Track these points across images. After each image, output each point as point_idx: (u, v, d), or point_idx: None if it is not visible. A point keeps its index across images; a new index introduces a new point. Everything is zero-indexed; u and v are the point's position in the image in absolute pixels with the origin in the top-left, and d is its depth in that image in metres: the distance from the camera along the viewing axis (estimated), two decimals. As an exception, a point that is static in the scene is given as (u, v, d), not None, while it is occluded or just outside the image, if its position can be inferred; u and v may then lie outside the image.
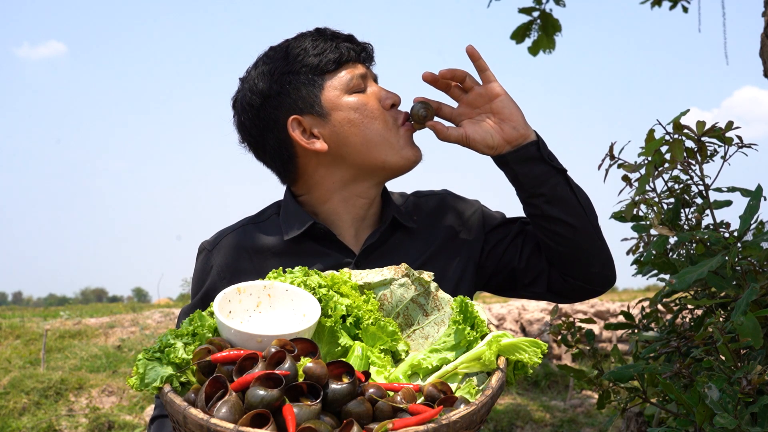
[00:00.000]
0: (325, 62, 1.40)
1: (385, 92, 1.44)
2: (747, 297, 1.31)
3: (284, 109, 1.41)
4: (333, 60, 1.40)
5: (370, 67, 1.47)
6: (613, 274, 1.45)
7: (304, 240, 1.44)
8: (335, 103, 1.41)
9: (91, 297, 34.17)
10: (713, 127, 1.47)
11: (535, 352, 1.15)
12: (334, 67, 1.41)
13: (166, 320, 10.37)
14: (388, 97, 1.44)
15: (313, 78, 1.40)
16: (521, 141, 1.37)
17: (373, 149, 1.41)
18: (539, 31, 4.56)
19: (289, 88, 1.41)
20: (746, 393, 1.26)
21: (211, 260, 1.47)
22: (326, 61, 1.40)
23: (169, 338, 1.11)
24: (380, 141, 1.41)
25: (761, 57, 2.64)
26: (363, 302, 1.22)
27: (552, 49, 4.59)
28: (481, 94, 1.39)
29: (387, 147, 1.42)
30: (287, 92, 1.41)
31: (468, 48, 1.38)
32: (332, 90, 1.41)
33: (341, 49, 1.41)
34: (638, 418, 2.30)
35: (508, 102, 1.37)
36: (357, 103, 1.41)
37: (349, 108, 1.41)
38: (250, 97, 1.43)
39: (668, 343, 1.69)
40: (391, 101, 1.43)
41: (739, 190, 1.48)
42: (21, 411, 7.46)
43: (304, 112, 1.41)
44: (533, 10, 4.54)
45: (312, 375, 0.99)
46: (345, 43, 1.42)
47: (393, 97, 1.44)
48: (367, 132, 1.41)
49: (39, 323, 10.54)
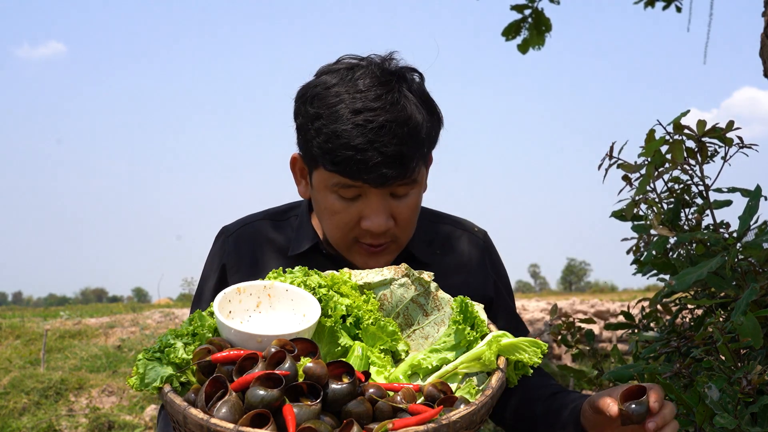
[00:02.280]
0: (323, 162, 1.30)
1: (370, 214, 1.32)
2: (747, 297, 1.31)
3: (299, 138, 1.38)
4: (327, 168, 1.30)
5: (387, 188, 1.33)
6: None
7: (313, 253, 1.46)
8: (317, 187, 1.36)
9: (91, 297, 34.18)
10: (714, 128, 1.47)
11: (535, 352, 1.15)
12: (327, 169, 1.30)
13: (166, 320, 10.38)
14: (368, 220, 1.33)
15: (311, 156, 1.33)
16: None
17: (329, 238, 1.41)
18: (530, 29, 4.56)
19: (302, 137, 1.36)
20: (746, 393, 1.26)
21: (227, 246, 1.51)
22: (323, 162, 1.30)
23: (169, 338, 1.12)
24: (333, 241, 1.40)
25: (761, 57, 2.64)
26: (363, 302, 1.23)
27: (541, 45, 4.60)
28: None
29: (338, 247, 1.40)
30: (301, 137, 1.37)
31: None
32: (320, 177, 1.33)
33: (349, 167, 1.27)
34: (638, 418, 2.30)
35: None
36: (330, 206, 1.34)
37: (323, 201, 1.35)
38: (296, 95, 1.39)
39: (668, 343, 1.69)
40: (368, 227, 1.33)
41: (739, 191, 1.48)
42: (21, 411, 7.46)
43: (304, 162, 1.39)
44: (525, 7, 4.54)
45: (312, 375, 0.99)
46: (361, 164, 1.26)
47: (373, 225, 1.33)
48: (326, 227, 1.39)
49: (39, 323, 10.54)
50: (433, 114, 1.38)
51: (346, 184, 1.30)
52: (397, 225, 1.36)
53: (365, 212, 1.33)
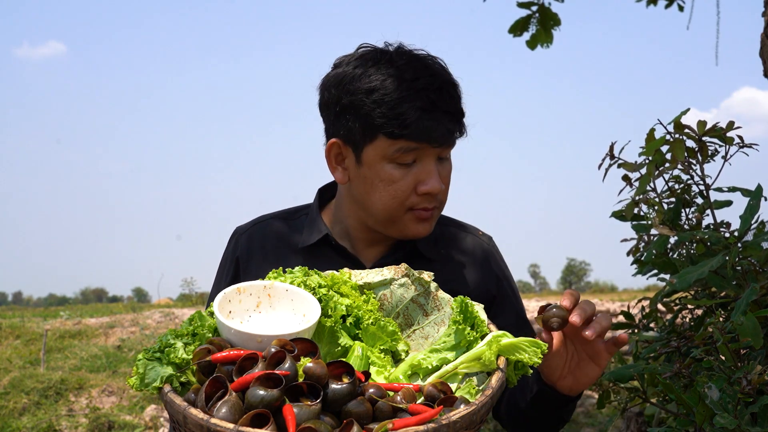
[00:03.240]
0: (387, 130, 1.35)
1: (428, 178, 1.39)
2: (747, 297, 1.31)
3: (337, 126, 1.42)
4: (395, 133, 1.35)
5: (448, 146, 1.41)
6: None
7: (322, 246, 1.51)
8: (371, 162, 1.39)
9: (91, 297, 34.18)
10: (714, 127, 1.47)
11: (535, 352, 1.15)
12: (392, 137, 1.35)
13: (166, 320, 10.37)
14: (427, 182, 1.39)
15: (371, 128, 1.36)
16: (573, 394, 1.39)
17: (371, 214, 1.44)
18: (537, 25, 4.57)
19: (348, 117, 1.39)
20: (746, 393, 1.25)
21: (240, 243, 1.58)
22: (389, 130, 1.35)
23: (169, 338, 1.11)
24: (381, 211, 1.42)
25: (761, 57, 2.64)
26: (363, 302, 1.22)
27: (550, 43, 4.60)
28: (594, 347, 1.30)
29: (384, 220, 1.43)
30: (345, 120, 1.39)
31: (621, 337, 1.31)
32: (377, 149, 1.38)
33: (418, 126, 1.34)
34: (638, 418, 2.30)
35: (594, 375, 1.34)
36: (388, 176, 1.39)
37: (377, 174, 1.39)
38: (321, 91, 1.45)
39: (668, 343, 1.68)
40: (427, 190, 1.39)
41: (739, 190, 1.48)
42: (21, 411, 7.46)
43: (347, 144, 1.42)
44: (532, 4, 4.54)
45: (312, 375, 0.99)
46: (427, 121, 1.34)
47: (432, 187, 1.39)
48: (378, 201, 1.41)
49: (39, 323, 10.54)
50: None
51: (408, 148, 1.36)
52: (444, 189, 1.44)
53: (422, 176, 1.39)
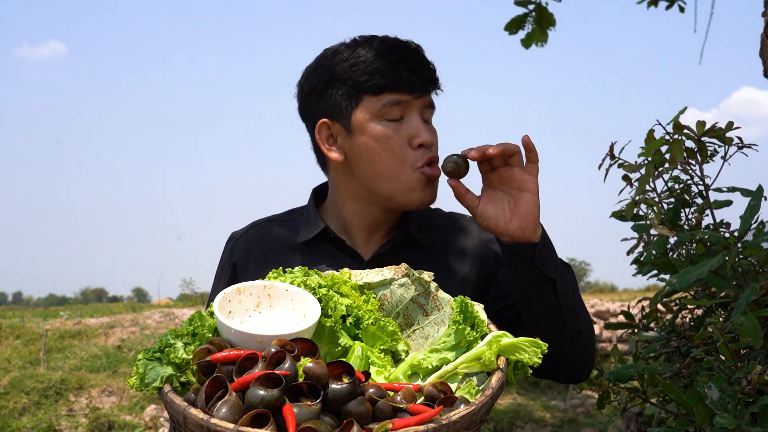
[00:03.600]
0: (370, 84, 1.39)
1: (420, 128, 1.41)
2: (747, 297, 1.31)
3: (321, 108, 1.45)
4: (379, 86, 1.39)
5: (428, 95, 1.44)
6: (586, 372, 1.45)
7: (319, 241, 1.50)
8: (362, 126, 1.41)
9: (91, 297, 34.14)
10: (713, 127, 1.47)
11: (535, 352, 1.15)
12: (376, 91, 1.39)
13: (166, 320, 10.37)
14: (419, 134, 1.41)
15: (353, 92, 1.41)
16: (521, 240, 1.33)
17: (380, 182, 1.42)
18: (533, 24, 4.57)
19: (331, 92, 1.43)
20: (746, 393, 1.25)
21: (237, 247, 1.58)
22: (371, 84, 1.39)
23: (169, 338, 1.11)
24: (390, 177, 1.41)
25: (761, 57, 2.64)
26: (363, 302, 1.23)
27: (544, 42, 4.61)
28: (516, 178, 1.33)
29: (395, 185, 1.42)
30: (329, 95, 1.43)
31: (524, 138, 1.32)
32: (365, 112, 1.40)
33: (394, 76, 1.39)
34: (638, 418, 2.30)
35: (533, 203, 1.32)
36: (380, 134, 1.40)
37: (371, 136, 1.41)
38: (300, 86, 1.50)
39: (668, 343, 1.69)
40: (421, 141, 1.40)
41: (739, 190, 1.48)
42: (21, 411, 7.46)
43: (335, 120, 1.44)
44: (529, 2, 4.55)
45: (312, 375, 0.99)
46: (404, 72, 1.39)
47: (425, 138, 1.41)
48: (380, 165, 1.41)
49: (39, 323, 10.53)
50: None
51: (393, 101, 1.39)
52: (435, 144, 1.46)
53: (412, 131, 1.41)
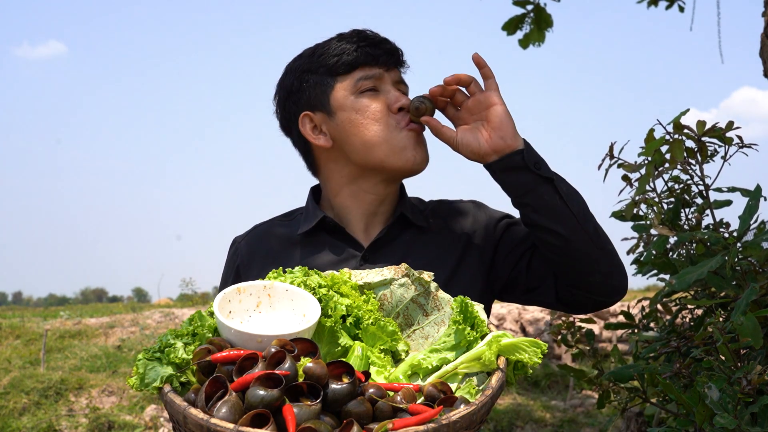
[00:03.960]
0: (339, 63, 1.45)
1: (396, 95, 1.47)
2: (747, 297, 1.31)
3: (301, 104, 1.50)
4: (348, 62, 1.45)
5: (396, 69, 1.50)
6: (622, 284, 1.40)
7: (319, 232, 1.53)
8: (341, 104, 1.46)
9: (91, 297, 34.12)
10: (713, 127, 1.47)
11: (535, 352, 1.15)
12: (347, 69, 1.45)
13: (166, 320, 10.37)
14: (397, 100, 1.46)
15: (326, 78, 1.46)
16: (507, 150, 1.35)
17: (372, 150, 1.46)
18: (531, 24, 4.58)
19: (305, 86, 1.48)
20: (746, 393, 1.25)
21: (239, 251, 1.60)
22: (341, 63, 1.45)
23: (169, 338, 1.11)
24: (379, 142, 1.45)
25: (761, 57, 2.64)
26: (363, 302, 1.22)
27: (541, 42, 4.62)
28: (480, 101, 1.39)
29: (386, 148, 1.45)
30: (304, 89, 1.49)
31: (474, 56, 1.38)
32: (341, 90, 1.46)
33: (359, 52, 1.45)
34: (638, 418, 2.30)
35: (502, 112, 1.35)
36: (360, 105, 1.45)
37: (352, 109, 1.45)
38: (278, 91, 1.55)
39: (668, 343, 1.69)
40: (400, 105, 1.45)
41: (739, 190, 1.48)
42: (21, 411, 7.45)
43: (316, 109, 1.49)
44: (527, 3, 4.55)
45: (312, 375, 0.99)
46: (367, 48, 1.45)
47: (403, 101, 1.46)
48: (366, 133, 1.45)
49: (39, 323, 10.53)
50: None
51: (365, 76, 1.45)
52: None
53: (389, 97, 1.46)
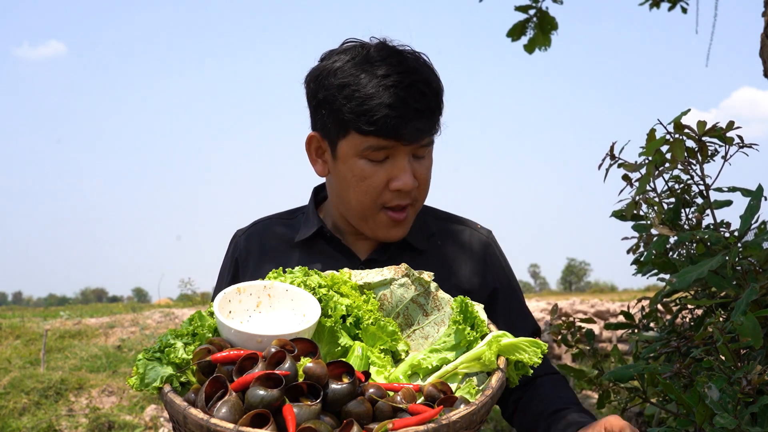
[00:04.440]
0: (356, 126, 1.36)
1: (400, 173, 1.39)
2: (747, 297, 1.31)
3: (314, 121, 1.46)
4: (364, 130, 1.35)
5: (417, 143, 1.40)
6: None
7: (317, 239, 1.54)
8: (345, 157, 1.41)
9: (91, 297, 34.12)
10: (714, 127, 1.46)
11: (535, 352, 1.15)
12: (361, 133, 1.36)
13: (166, 320, 10.37)
14: (398, 179, 1.39)
15: (341, 125, 1.38)
16: None
17: (349, 212, 1.47)
18: (535, 28, 4.57)
19: (324, 112, 1.41)
20: (746, 393, 1.25)
21: (239, 245, 1.61)
22: (357, 126, 1.36)
23: (169, 338, 1.11)
24: (358, 211, 1.45)
25: (761, 57, 2.64)
26: (363, 302, 1.22)
27: (548, 46, 4.61)
28: None
29: (361, 219, 1.46)
30: (322, 114, 1.42)
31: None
32: (349, 146, 1.39)
33: (384, 123, 1.34)
34: (638, 418, 2.30)
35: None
36: (360, 171, 1.40)
37: (351, 170, 1.41)
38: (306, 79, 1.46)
39: (668, 343, 1.68)
40: (398, 186, 1.39)
41: (739, 190, 1.48)
42: (21, 411, 7.46)
43: (324, 138, 1.44)
44: (530, 8, 4.55)
45: (312, 375, 0.99)
46: (395, 119, 1.34)
47: (403, 183, 1.39)
48: (351, 198, 1.43)
49: (39, 323, 10.54)
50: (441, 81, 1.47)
51: (378, 146, 1.37)
52: (419, 186, 1.44)
53: (394, 173, 1.40)
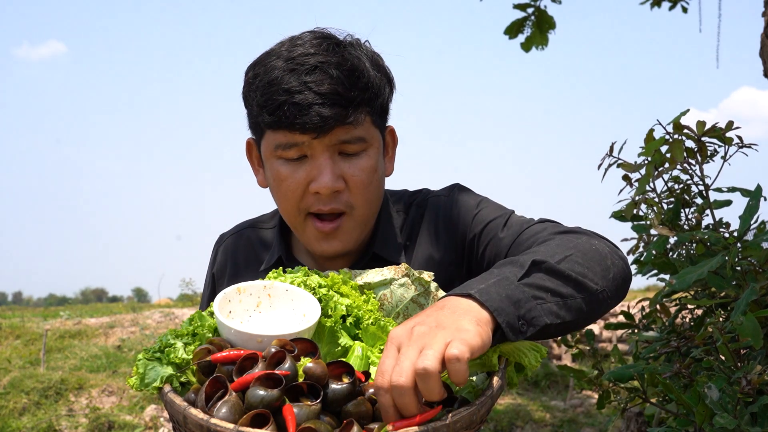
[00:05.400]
0: (260, 120, 1.24)
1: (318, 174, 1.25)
2: (747, 297, 1.31)
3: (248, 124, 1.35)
4: (267, 123, 1.23)
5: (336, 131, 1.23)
6: (628, 283, 1.19)
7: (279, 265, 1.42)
8: (266, 158, 1.30)
9: (91, 297, 34.15)
10: (713, 127, 1.47)
11: (534, 356, 1.15)
12: (268, 128, 1.24)
13: (166, 320, 10.37)
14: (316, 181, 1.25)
15: (255, 119, 1.28)
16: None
17: (289, 220, 1.34)
18: (533, 27, 4.58)
19: (247, 107, 1.31)
20: (746, 393, 1.25)
21: (217, 258, 1.54)
22: (261, 120, 1.24)
23: (169, 338, 1.11)
24: (290, 222, 1.34)
25: (761, 57, 2.64)
26: (363, 302, 1.22)
27: (545, 46, 4.62)
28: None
29: (296, 231, 1.34)
30: (248, 100, 1.30)
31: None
32: (266, 146, 1.28)
33: (281, 112, 1.20)
34: (638, 418, 2.30)
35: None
36: (276, 174, 1.28)
37: (271, 174, 1.30)
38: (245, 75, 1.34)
39: (668, 343, 1.69)
40: (316, 188, 1.25)
41: (739, 190, 1.48)
42: (21, 411, 7.46)
43: (253, 134, 1.34)
44: (528, 6, 4.56)
45: (312, 375, 0.99)
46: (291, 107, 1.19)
47: (321, 185, 1.25)
48: (280, 207, 1.33)
49: (39, 323, 10.54)
50: (380, 71, 1.30)
51: (287, 143, 1.23)
52: (350, 189, 1.28)
53: (312, 173, 1.25)
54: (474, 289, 0.99)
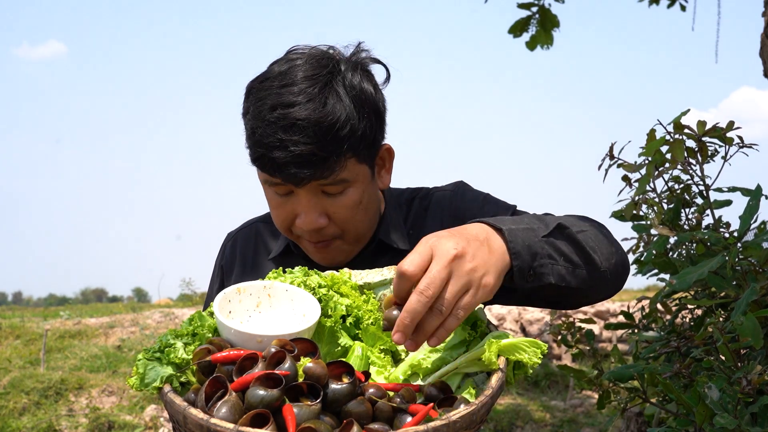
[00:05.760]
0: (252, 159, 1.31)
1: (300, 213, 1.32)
2: (747, 297, 1.31)
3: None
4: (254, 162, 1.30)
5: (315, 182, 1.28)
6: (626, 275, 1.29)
7: (291, 254, 1.49)
8: (260, 181, 1.37)
9: (91, 297, 34.13)
10: (714, 127, 1.47)
11: (535, 353, 1.15)
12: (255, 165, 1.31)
13: (166, 320, 10.37)
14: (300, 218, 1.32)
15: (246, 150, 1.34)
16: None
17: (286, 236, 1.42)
18: (537, 26, 4.59)
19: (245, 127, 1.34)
20: (746, 393, 1.25)
21: (226, 252, 1.59)
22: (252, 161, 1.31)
23: (169, 338, 1.11)
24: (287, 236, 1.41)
25: (761, 57, 2.64)
26: (363, 302, 1.22)
27: (550, 45, 4.63)
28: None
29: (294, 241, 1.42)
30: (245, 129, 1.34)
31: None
32: (258, 173, 1.35)
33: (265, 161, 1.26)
34: (638, 418, 2.30)
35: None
36: (270, 200, 1.36)
37: (266, 195, 1.38)
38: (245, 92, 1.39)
39: (668, 343, 1.69)
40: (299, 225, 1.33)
41: (739, 190, 1.48)
42: (21, 411, 7.46)
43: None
44: (532, 5, 4.57)
45: (312, 375, 0.99)
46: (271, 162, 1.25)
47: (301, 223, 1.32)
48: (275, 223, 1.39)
49: (39, 323, 10.54)
50: (367, 110, 1.31)
51: (273, 182, 1.30)
52: (335, 223, 1.33)
53: (297, 209, 1.32)
54: (506, 226, 1.10)
